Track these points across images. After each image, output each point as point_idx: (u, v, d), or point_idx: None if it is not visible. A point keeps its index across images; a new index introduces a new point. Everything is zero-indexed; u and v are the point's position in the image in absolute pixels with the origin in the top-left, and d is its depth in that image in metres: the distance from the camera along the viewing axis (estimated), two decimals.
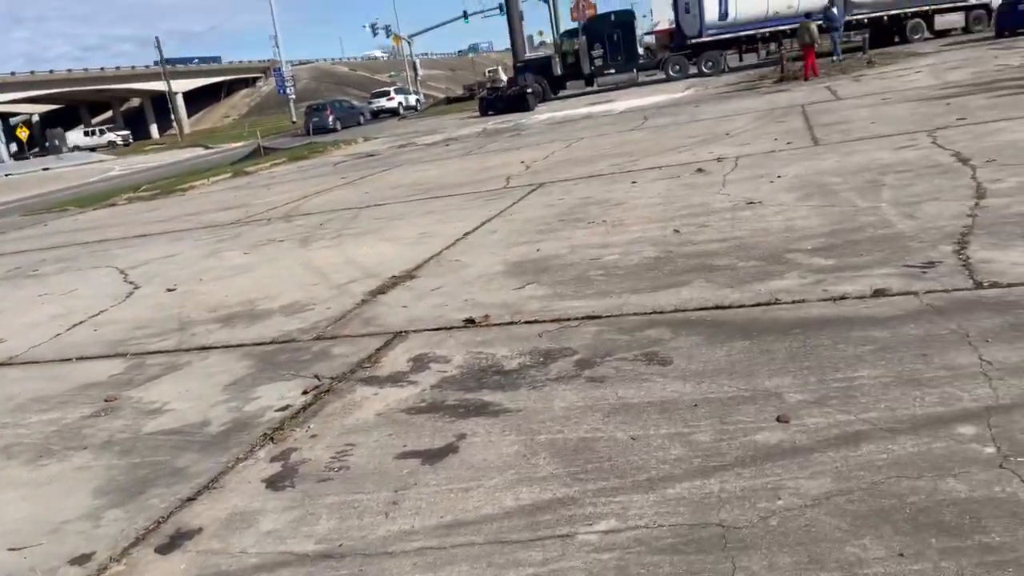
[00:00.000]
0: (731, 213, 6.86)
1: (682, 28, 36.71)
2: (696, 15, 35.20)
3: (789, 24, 35.60)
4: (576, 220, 7.71)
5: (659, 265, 5.65)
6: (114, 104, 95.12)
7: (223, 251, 9.32)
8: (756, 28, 35.59)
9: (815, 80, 21.17)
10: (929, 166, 7.37)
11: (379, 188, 13.35)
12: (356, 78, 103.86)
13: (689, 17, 35.96)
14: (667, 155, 11.25)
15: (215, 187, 19.96)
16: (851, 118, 11.78)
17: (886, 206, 6.18)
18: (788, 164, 8.77)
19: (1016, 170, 6.60)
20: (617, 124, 18.18)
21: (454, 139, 22.82)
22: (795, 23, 35.24)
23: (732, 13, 35.05)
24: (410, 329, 5.09)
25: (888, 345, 3.68)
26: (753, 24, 35.53)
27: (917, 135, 9.14)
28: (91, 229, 14.47)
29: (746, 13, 35.15)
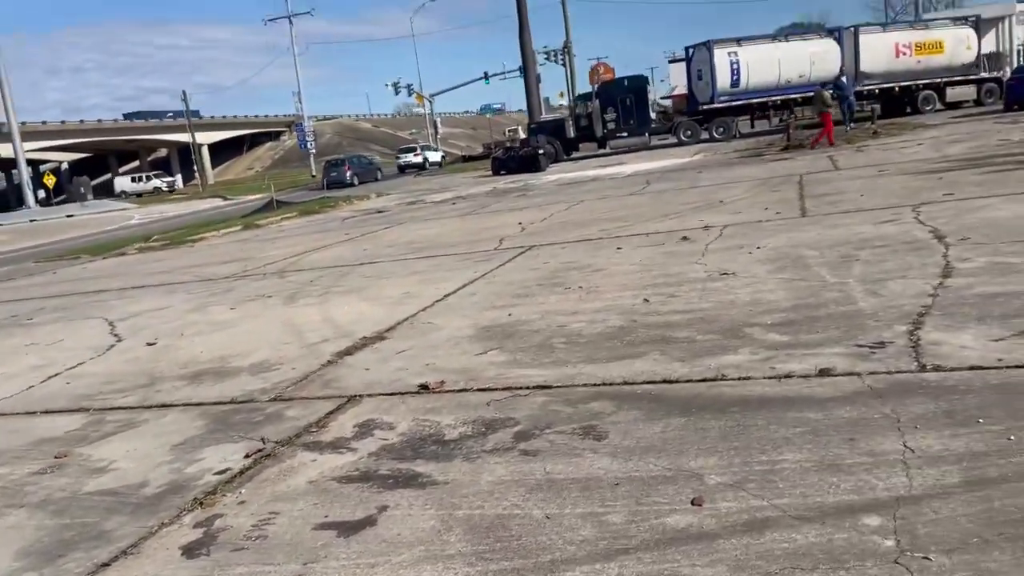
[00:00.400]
0: (703, 284, 6.88)
1: (695, 94, 37.24)
2: (708, 82, 35.72)
3: (801, 92, 36.11)
4: (554, 285, 7.76)
5: (621, 335, 5.66)
6: (141, 154, 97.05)
7: (211, 305, 9.42)
8: (767, 96, 36.04)
9: (821, 149, 21.33)
10: (905, 242, 7.39)
11: (378, 245, 13.50)
12: (379, 134, 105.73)
13: (701, 84, 36.50)
14: (659, 221, 11.34)
15: (223, 239, 20.24)
16: (843, 190, 11.85)
17: (853, 282, 6.19)
18: (771, 235, 8.82)
19: (986, 249, 6.61)
20: (621, 188, 18.35)
21: (462, 197, 23.09)
22: (806, 91, 35.82)
23: (744, 81, 35.55)
24: (365, 393, 5.12)
25: (819, 428, 3.66)
26: (765, 92, 35.99)
27: (902, 210, 9.17)
28: (95, 279, 14.68)
29: (758, 81, 35.64)
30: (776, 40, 36.24)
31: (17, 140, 64.25)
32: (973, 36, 37.23)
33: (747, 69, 35.42)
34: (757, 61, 35.48)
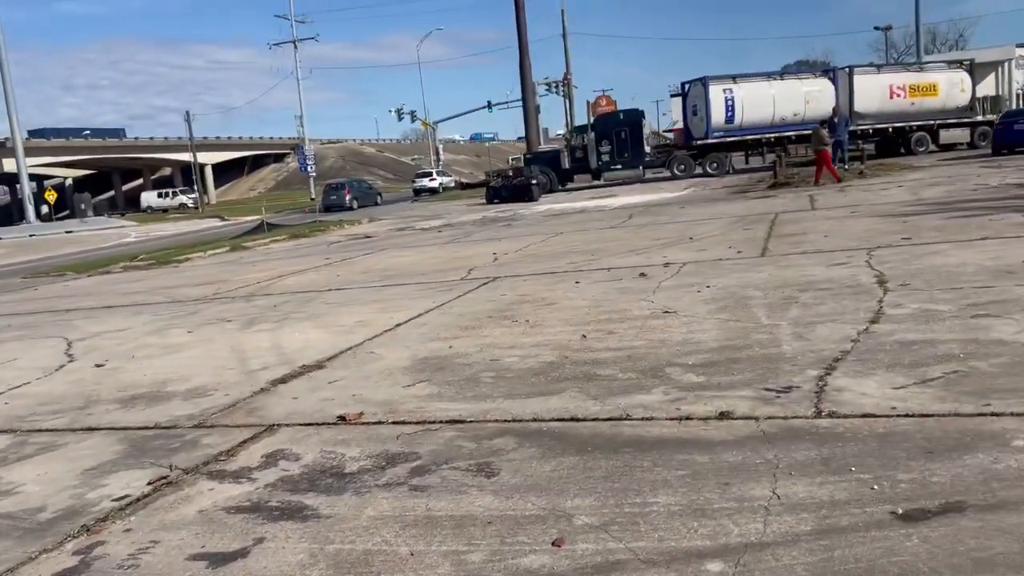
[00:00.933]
0: (643, 321, 6.94)
1: (690, 129, 37.55)
2: (703, 117, 36.04)
3: (795, 130, 36.42)
4: (503, 318, 7.82)
5: (548, 371, 5.72)
6: (145, 172, 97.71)
7: (171, 328, 9.49)
8: (762, 133, 36.31)
9: (807, 187, 21.46)
10: (849, 286, 7.45)
11: (352, 272, 13.58)
12: (382, 159, 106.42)
13: (696, 119, 36.82)
14: (626, 256, 11.42)
15: (208, 260, 20.36)
16: (810, 230, 11.94)
17: (785, 325, 6.25)
18: (726, 274, 8.89)
19: (921, 296, 6.67)
20: (603, 220, 18.47)
21: (450, 225, 23.23)
22: (801, 129, 36.12)
23: (738, 117, 35.85)
24: (285, 423, 5.17)
25: (701, 471, 3.70)
26: (759, 129, 36.27)
27: (857, 253, 9.25)
28: (71, 296, 14.77)
29: (752, 118, 35.94)
30: (771, 78, 36.59)
31: (20, 155, 64.75)
32: (967, 79, 37.58)
33: (742, 106, 35.74)
34: (752, 98, 35.82)
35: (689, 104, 37.43)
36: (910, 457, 3.60)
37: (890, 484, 3.36)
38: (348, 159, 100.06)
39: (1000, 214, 11.10)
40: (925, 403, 4.24)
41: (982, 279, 7.04)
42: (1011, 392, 4.24)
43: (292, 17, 58.32)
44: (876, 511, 3.14)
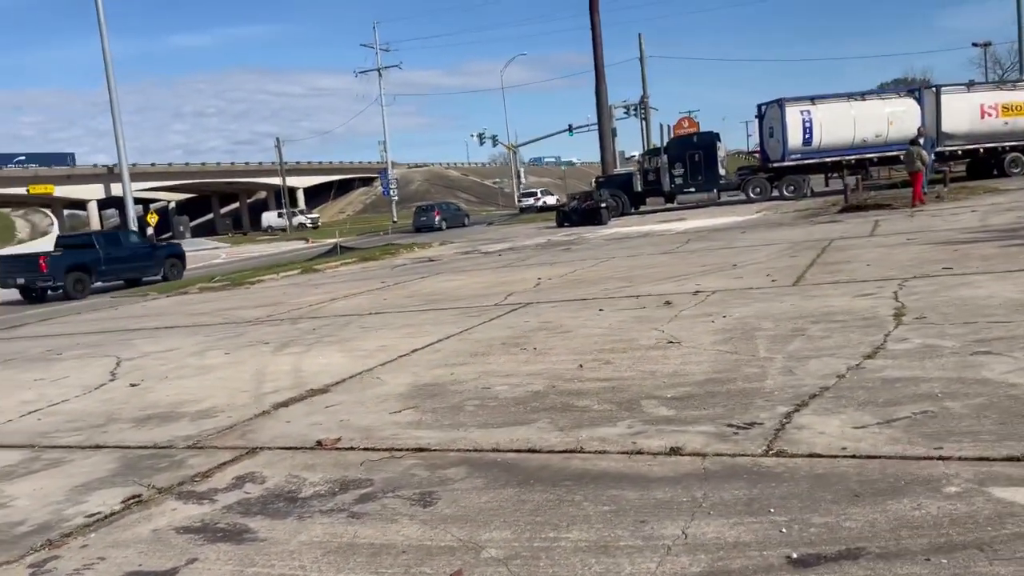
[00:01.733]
0: (644, 352, 6.93)
1: (766, 151, 36.91)
2: (779, 140, 35.37)
3: (877, 152, 35.40)
4: (515, 345, 7.91)
5: (531, 400, 5.78)
6: (241, 196, 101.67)
7: (212, 350, 9.92)
8: (842, 155, 35.37)
9: (875, 212, 20.84)
10: (864, 318, 7.26)
11: (399, 296, 13.89)
12: (467, 182, 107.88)
13: (773, 142, 36.17)
14: (662, 283, 11.35)
15: (278, 282, 21.09)
16: (856, 258, 11.62)
17: (780, 358, 6.15)
18: (748, 303, 8.76)
19: (931, 330, 6.45)
20: (659, 245, 18.35)
21: (513, 249, 23.44)
22: (883, 151, 35.09)
23: (816, 139, 35.04)
24: (268, 446, 5.39)
25: (625, 508, 3.72)
26: (838, 151, 35.35)
27: (890, 283, 8.98)
28: (141, 317, 15.56)
29: (831, 140, 35.06)
30: (852, 99, 35.56)
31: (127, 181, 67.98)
32: None
33: (820, 127, 34.92)
34: (831, 120, 34.96)
35: (765, 126, 36.82)
36: (835, 500, 3.54)
37: (800, 528, 3.31)
38: (433, 182, 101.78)
39: None
40: (877, 444, 4.13)
41: (1001, 313, 6.76)
42: (969, 435, 4.10)
43: (377, 46, 60.05)
44: (773, 555, 3.11)
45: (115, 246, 26.26)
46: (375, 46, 60.15)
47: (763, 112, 37.15)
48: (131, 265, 26.21)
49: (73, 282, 23.88)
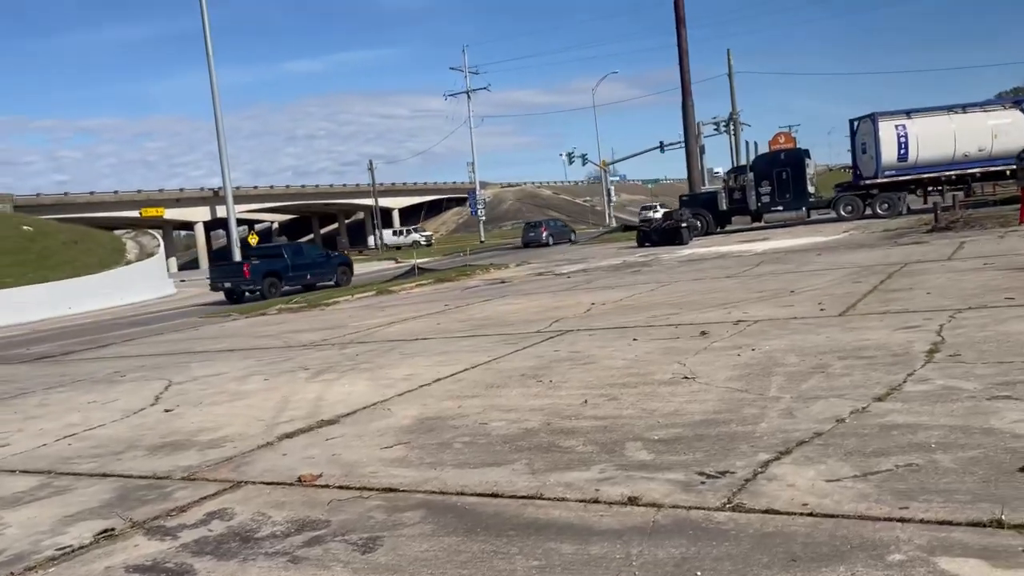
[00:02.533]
0: (655, 387, 6.71)
1: (859, 168, 35.63)
2: (872, 156, 34.14)
3: (980, 167, 33.71)
4: (532, 377, 7.79)
5: (519, 438, 5.67)
6: (340, 217, 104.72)
7: (254, 375, 10.17)
8: (940, 171, 33.82)
9: (967, 231, 19.76)
10: (895, 354, 6.84)
11: (453, 320, 13.95)
12: (559, 201, 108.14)
13: (866, 158, 34.94)
14: (710, 310, 11.02)
15: (352, 304, 21.51)
16: (919, 285, 11.01)
17: (787, 399, 5.84)
18: (785, 335, 8.39)
19: (959, 370, 6.02)
20: (728, 269, 17.86)
21: (585, 271, 23.26)
22: (987, 166, 33.32)
23: (912, 155, 33.66)
24: (253, 480, 5.45)
25: (555, 563, 3.57)
26: (937, 166, 33.82)
27: (940, 314, 8.45)
28: (212, 339, 16.13)
29: (929, 155, 33.61)
30: (951, 112, 33.97)
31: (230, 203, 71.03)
32: None
33: (916, 143, 33.53)
34: (928, 134, 33.52)
35: (858, 142, 35.59)
36: (768, 564, 3.31)
37: None
38: (524, 201, 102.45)
39: None
40: (842, 501, 3.85)
41: None
42: (943, 494, 3.78)
43: (465, 69, 60.98)
44: None
45: (299, 256, 31.02)
46: (463, 69, 61.06)
47: (856, 127, 35.94)
48: (311, 271, 30.53)
49: (268, 285, 28.24)
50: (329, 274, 31.08)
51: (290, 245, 36.19)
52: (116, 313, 31.86)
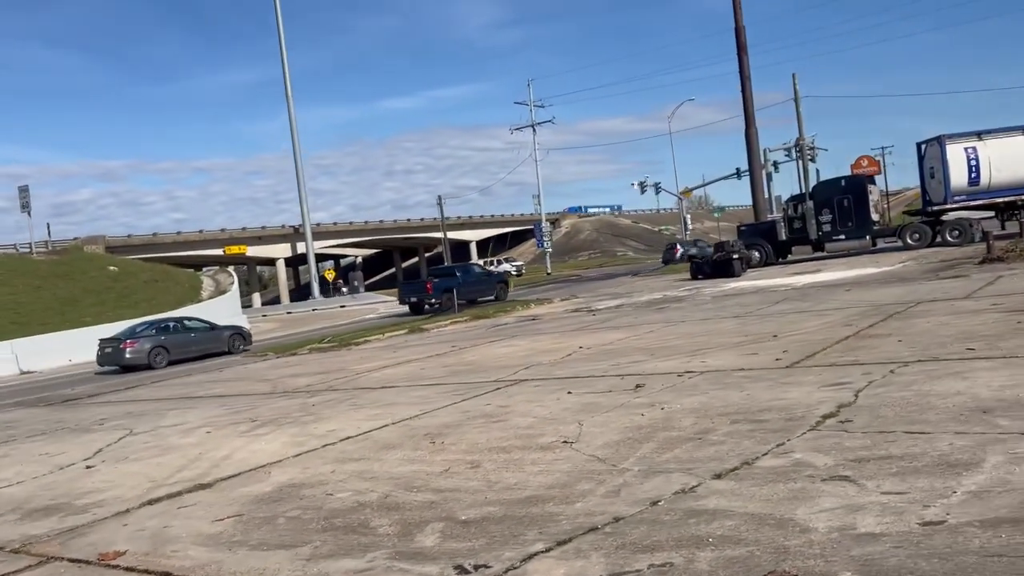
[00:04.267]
0: (526, 454, 6.32)
1: (928, 194, 33.87)
2: (941, 181, 32.35)
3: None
4: (431, 438, 7.48)
5: (344, 514, 5.38)
6: (419, 250, 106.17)
7: (201, 428, 10.11)
8: (1016, 194, 31.79)
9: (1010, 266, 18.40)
10: (789, 418, 6.26)
11: (440, 364, 13.73)
12: (637, 230, 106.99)
13: (934, 183, 33.19)
14: (675, 358, 10.48)
15: (381, 343, 21.55)
16: (904, 330, 10.23)
17: (634, 472, 5.37)
18: (711, 391, 7.85)
19: (832, 440, 5.42)
20: (747, 306, 17.10)
21: (619, 307, 22.71)
22: None
23: (985, 179, 31.77)
24: (64, 556, 5.32)
25: None
26: (1013, 190, 31.80)
27: (883, 368, 7.76)
28: (223, 382, 16.36)
29: (1004, 178, 31.69)
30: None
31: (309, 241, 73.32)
32: None
33: (989, 165, 31.63)
34: (1003, 156, 31.59)
35: (926, 167, 33.82)
36: None
37: None
38: (602, 231, 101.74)
39: None
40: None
41: (935, 420, 5.59)
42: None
43: (531, 103, 61.18)
44: None
45: (467, 275, 35.26)
46: (529, 103, 61.28)
47: (923, 151, 34.19)
48: (476, 288, 34.25)
49: (444, 299, 31.61)
50: (489, 290, 34.71)
51: (460, 266, 40.72)
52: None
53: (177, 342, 25.16)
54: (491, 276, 38.10)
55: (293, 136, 69.00)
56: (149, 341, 24.48)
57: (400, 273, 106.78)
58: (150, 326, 25.99)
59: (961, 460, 4.65)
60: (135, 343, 24.18)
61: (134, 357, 23.74)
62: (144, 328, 25.68)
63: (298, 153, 69.17)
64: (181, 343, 25.22)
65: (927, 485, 4.32)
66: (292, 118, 68.84)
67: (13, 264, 47.36)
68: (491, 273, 40.20)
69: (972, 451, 4.78)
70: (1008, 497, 4.00)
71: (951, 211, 32.25)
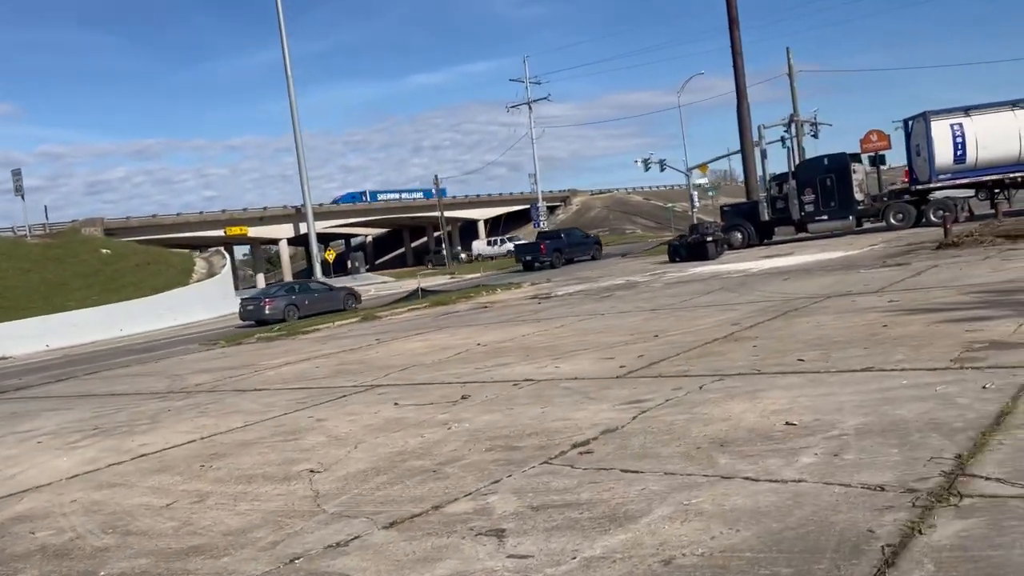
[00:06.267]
0: (262, 485, 5.87)
1: (915, 172, 32.81)
2: (926, 159, 31.27)
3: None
4: (218, 457, 7.07)
5: (33, 555, 4.98)
6: (428, 230, 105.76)
7: (36, 438, 9.78)
8: (1003, 172, 30.68)
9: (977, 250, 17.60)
10: (541, 447, 5.75)
11: (341, 360, 13.33)
12: (648, 207, 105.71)
13: (920, 160, 32.14)
14: (534, 362, 9.97)
15: (322, 333, 21.22)
16: (778, 332, 9.61)
17: (324, 517, 4.90)
18: (524, 405, 7.35)
19: (514, 482, 4.91)
20: (680, 296, 16.48)
21: (579, 292, 22.18)
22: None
23: (971, 156, 30.65)
24: None
25: None
26: (1001, 168, 30.68)
27: (696, 382, 7.19)
28: (136, 376, 16.09)
29: (990, 156, 30.55)
30: (1016, 108, 30.69)
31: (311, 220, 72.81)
32: None
33: (975, 142, 30.50)
34: (990, 133, 30.45)
35: (912, 144, 32.75)
36: None
37: None
38: (613, 209, 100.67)
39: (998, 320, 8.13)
40: None
41: (670, 454, 5.06)
42: None
43: (527, 80, 60.29)
44: None
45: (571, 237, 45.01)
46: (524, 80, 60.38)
47: (910, 128, 33.10)
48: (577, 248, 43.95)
49: (554, 258, 41.15)
50: (587, 251, 43.71)
51: (565, 230, 49.58)
52: (157, 335, 33.09)
53: (303, 300, 29.96)
54: (589, 239, 46.20)
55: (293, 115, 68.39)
56: (283, 300, 29.73)
57: (409, 253, 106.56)
58: (281, 287, 33.26)
59: (631, 511, 4.14)
60: (272, 301, 29.46)
61: (272, 312, 28.49)
62: (277, 290, 32.17)
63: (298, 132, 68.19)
64: (306, 301, 29.87)
65: (560, 546, 3.82)
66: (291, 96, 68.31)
67: (6, 248, 47.53)
68: (589, 236, 47.81)
69: (652, 499, 4.27)
70: (619, 567, 3.49)
71: (936, 190, 31.23)
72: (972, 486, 3.82)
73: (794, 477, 4.30)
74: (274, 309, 28.74)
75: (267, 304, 29.16)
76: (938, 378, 6.00)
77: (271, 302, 29.42)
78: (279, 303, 29.31)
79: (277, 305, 29.08)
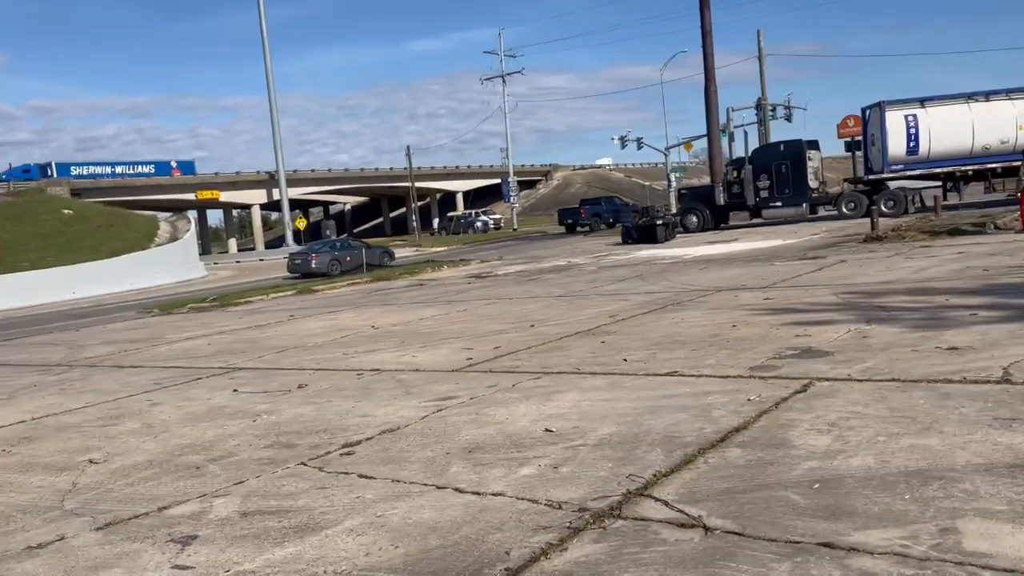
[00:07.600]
0: (29, 477, 5.84)
1: (870, 161, 32.83)
2: (880, 148, 31.28)
3: (1001, 161, 30.46)
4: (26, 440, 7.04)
5: None
6: (407, 200, 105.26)
7: None
8: (956, 165, 30.73)
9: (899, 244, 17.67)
10: (314, 445, 5.73)
11: (244, 339, 13.26)
12: (628, 184, 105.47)
13: (874, 150, 32.15)
14: (409, 348, 9.95)
15: (252, 305, 21.12)
16: (633, 330, 9.62)
17: (9, 529, 4.88)
18: (343, 399, 7.32)
19: (273, 484, 4.89)
20: (597, 282, 16.49)
21: (519, 272, 22.15)
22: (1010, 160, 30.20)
23: (924, 148, 30.70)
24: None
25: None
26: (953, 160, 30.73)
27: (511, 379, 7.18)
28: (39, 345, 15.98)
29: (943, 148, 30.58)
30: (971, 100, 30.70)
31: (283, 187, 72.64)
32: None
33: (928, 134, 30.53)
34: (943, 125, 30.48)
35: (868, 133, 32.79)
36: None
37: None
38: (593, 184, 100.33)
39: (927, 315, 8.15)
40: None
41: (429, 456, 5.05)
42: None
43: (501, 52, 59.79)
44: None
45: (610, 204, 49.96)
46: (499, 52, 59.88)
47: (866, 117, 33.08)
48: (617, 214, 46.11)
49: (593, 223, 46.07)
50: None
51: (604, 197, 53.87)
52: (109, 300, 32.95)
53: (344, 257, 32.30)
54: (627, 206, 48.41)
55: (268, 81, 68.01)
56: (327, 255, 32.15)
57: (388, 222, 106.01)
58: (325, 244, 35.76)
59: (323, 522, 4.12)
60: (318, 256, 32.02)
61: (318, 266, 31.11)
62: (322, 246, 34.53)
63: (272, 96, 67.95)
64: (347, 257, 32.17)
65: (228, 557, 3.79)
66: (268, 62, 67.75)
67: None
68: (627, 203, 50.93)
69: (355, 509, 4.25)
70: None
71: (888, 180, 31.28)
72: (636, 508, 3.83)
73: (497, 490, 4.30)
74: (320, 263, 31.26)
75: (314, 259, 31.71)
76: (720, 387, 6.01)
77: (317, 257, 31.90)
78: (324, 258, 31.74)
79: (322, 260, 31.49)
